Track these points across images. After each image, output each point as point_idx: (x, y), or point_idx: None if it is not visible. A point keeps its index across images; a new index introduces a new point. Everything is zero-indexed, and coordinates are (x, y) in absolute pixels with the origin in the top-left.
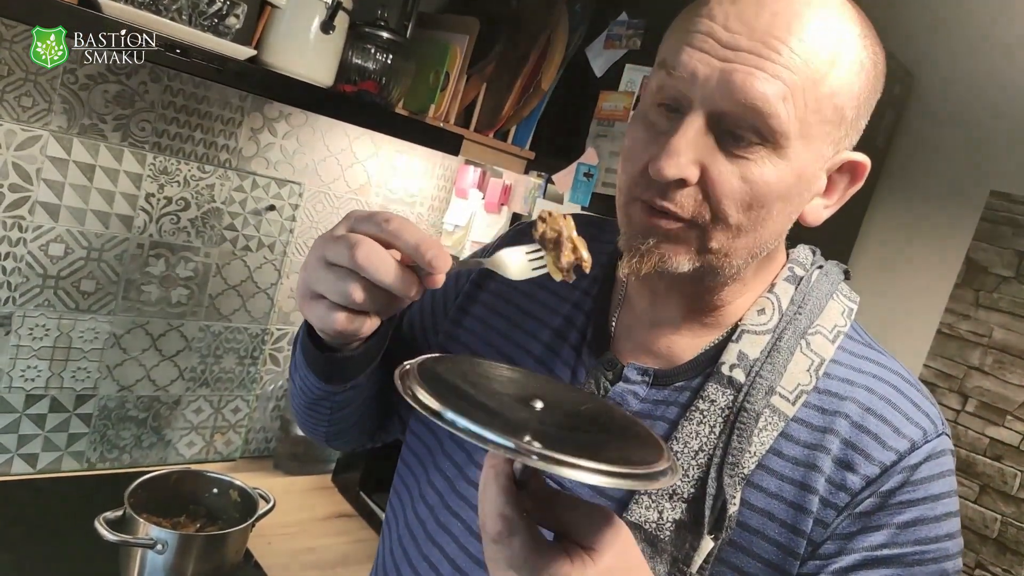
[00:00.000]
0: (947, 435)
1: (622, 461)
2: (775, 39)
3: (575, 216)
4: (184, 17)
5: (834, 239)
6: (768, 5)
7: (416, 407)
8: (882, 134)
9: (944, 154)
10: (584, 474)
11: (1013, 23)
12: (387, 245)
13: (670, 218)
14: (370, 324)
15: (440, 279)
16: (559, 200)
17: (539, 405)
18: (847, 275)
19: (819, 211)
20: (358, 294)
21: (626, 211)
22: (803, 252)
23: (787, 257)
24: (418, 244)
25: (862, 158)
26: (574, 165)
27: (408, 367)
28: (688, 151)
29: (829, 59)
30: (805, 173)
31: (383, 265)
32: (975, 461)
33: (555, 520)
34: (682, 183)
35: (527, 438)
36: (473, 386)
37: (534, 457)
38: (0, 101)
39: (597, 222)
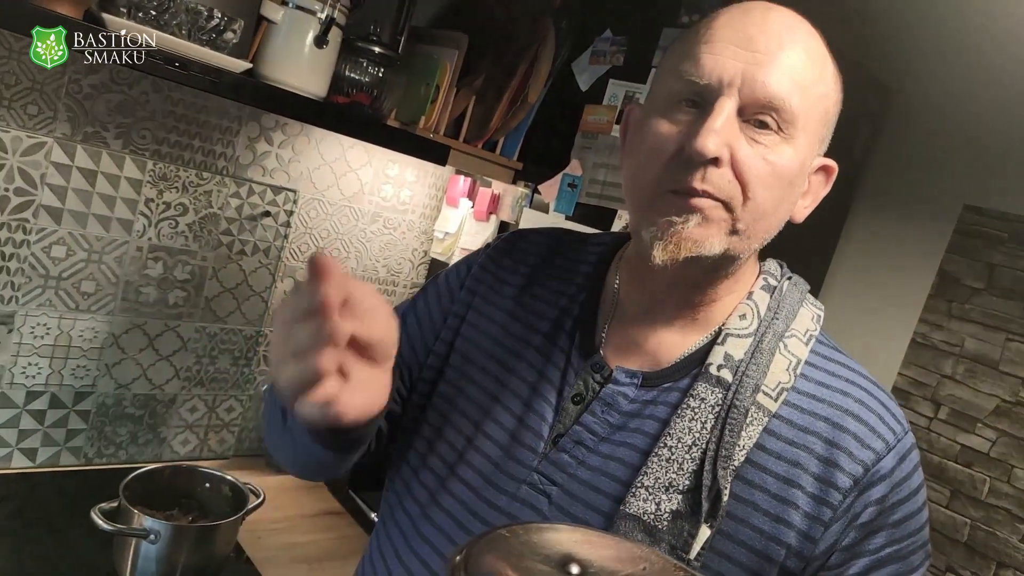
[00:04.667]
0: (910, 431)
1: None
2: (786, 42)
3: (557, 229)
4: (184, 32)
5: (813, 251)
6: (772, 19)
7: None
8: (859, 148)
9: (919, 168)
10: None
11: (988, 39)
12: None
13: (705, 197)
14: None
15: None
16: (545, 209)
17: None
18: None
19: (802, 210)
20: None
21: (655, 204)
22: (772, 265)
23: (759, 269)
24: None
25: (832, 162)
26: (559, 176)
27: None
28: (723, 131)
29: (820, 67)
30: (804, 165)
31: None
32: (946, 467)
33: None
34: (716, 162)
35: None
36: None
37: None
38: (7, 109)
39: (579, 235)
